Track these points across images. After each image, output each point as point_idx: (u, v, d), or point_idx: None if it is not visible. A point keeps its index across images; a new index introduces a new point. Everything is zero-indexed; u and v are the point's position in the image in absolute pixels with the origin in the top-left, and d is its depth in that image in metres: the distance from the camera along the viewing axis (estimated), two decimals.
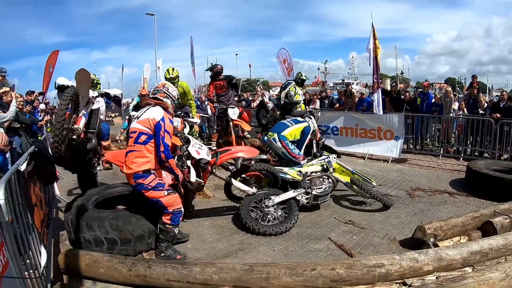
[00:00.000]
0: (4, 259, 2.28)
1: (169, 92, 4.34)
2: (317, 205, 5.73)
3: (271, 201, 5.01)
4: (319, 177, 5.68)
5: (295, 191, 5.31)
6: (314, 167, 5.84)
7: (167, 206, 4.10)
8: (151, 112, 4.17)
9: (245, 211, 4.87)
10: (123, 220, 4.09)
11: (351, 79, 58.17)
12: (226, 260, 3.97)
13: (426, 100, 11.47)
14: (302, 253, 4.18)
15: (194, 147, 4.66)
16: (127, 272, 3.42)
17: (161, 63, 26.77)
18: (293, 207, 5.05)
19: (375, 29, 10.29)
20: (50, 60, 13.20)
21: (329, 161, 5.96)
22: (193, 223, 5.18)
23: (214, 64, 9.40)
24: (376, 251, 4.19)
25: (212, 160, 4.87)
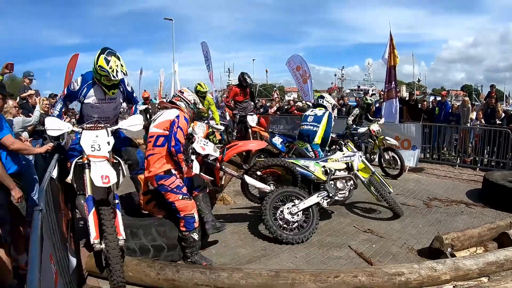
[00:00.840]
0: (55, 268, 2.35)
1: (184, 96, 4.61)
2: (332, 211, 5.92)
3: (295, 207, 4.95)
4: (342, 179, 5.57)
5: (319, 195, 5.18)
6: (339, 164, 5.63)
7: (180, 210, 4.22)
8: (166, 114, 4.45)
9: (268, 216, 4.82)
10: (170, 226, 4.23)
11: (367, 86, 57.96)
12: (250, 266, 4.08)
13: (444, 109, 11.51)
14: (323, 260, 4.31)
15: (199, 143, 4.67)
16: (156, 275, 3.55)
17: (177, 66, 27.11)
18: (315, 213, 5.06)
19: (393, 38, 10.38)
20: (70, 63, 13.56)
21: (354, 159, 5.73)
22: None
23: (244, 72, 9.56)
24: (395, 259, 4.30)
25: (219, 156, 4.92)
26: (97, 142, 3.63)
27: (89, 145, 3.59)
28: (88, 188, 3.48)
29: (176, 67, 26.16)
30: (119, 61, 3.94)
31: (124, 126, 3.96)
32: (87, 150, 3.57)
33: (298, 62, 13.47)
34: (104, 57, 3.88)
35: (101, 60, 3.88)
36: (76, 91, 4.21)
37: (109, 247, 3.25)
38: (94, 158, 3.54)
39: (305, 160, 5.53)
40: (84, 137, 3.65)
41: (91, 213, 3.35)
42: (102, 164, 3.51)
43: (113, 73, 3.88)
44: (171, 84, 28.13)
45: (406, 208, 5.93)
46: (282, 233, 4.78)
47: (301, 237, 4.81)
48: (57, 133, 3.72)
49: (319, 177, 5.37)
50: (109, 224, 3.33)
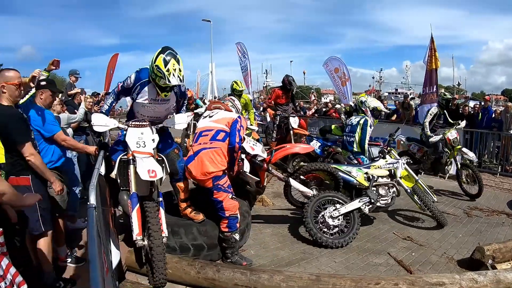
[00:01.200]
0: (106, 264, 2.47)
1: (235, 104, 4.99)
2: (373, 217, 5.94)
3: (336, 211, 4.99)
4: (385, 186, 5.52)
5: (360, 200, 5.19)
6: (382, 171, 5.59)
7: (226, 209, 4.24)
8: (225, 113, 4.69)
9: (309, 219, 4.87)
10: (211, 225, 4.34)
11: (404, 89, 56.80)
12: (289, 269, 4.14)
13: (486, 115, 11.26)
14: (363, 267, 4.35)
15: (248, 143, 4.79)
16: (196, 274, 3.64)
17: (214, 67, 27.52)
18: (355, 218, 5.08)
19: (434, 41, 10.24)
20: (111, 63, 14.06)
21: (397, 167, 5.64)
22: (255, 230, 5.41)
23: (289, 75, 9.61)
24: (434, 269, 4.30)
25: (267, 157, 5.06)
26: (142, 139, 3.76)
27: (134, 142, 3.72)
28: (132, 184, 3.63)
29: (213, 67, 26.61)
30: (178, 65, 3.76)
31: (169, 124, 4.09)
32: (132, 147, 3.70)
33: (337, 64, 13.20)
34: (163, 58, 3.71)
35: (159, 59, 3.70)
36: (130, 87, 4.05)
37: (153, 244, 3.35)
38: (139, 154, 3.66)
39: (347, 166, 5.57)
40: (129, 134, 3.78)
41: (135, 209, 3.47)
42: (148, 160, 3.63)
43: (169, 76, 3.70)
44: (208, 84, 28.60)
45: (446, 217, 5.86)
46: (322, 236, 4.84)
47: (341, 241, 4.85)
48: (103, 129, 3.85)
49: (361, 183, 5.37)
50: (154, 221, 3.44)
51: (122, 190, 3.89)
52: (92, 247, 2.03)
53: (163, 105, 4.17)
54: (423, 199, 5.58)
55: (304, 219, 4.90)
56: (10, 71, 3.35)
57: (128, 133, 3.79)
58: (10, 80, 3.26)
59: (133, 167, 3.64)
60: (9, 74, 3.31)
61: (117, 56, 14.25)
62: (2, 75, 3.28)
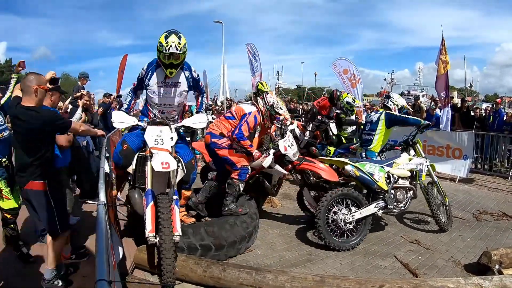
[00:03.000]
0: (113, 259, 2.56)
1: (266, 97, 5.24)
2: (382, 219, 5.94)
3: (349, 216, 4.87)
4: (403, 189, 5.33)
5: (376, 205, 5.07)
6: (403, 171, 5.37)
7: (236, 162, 5.00)
8: (245, 105, 5.40)
9: (322, 222, 4.80)
10: (219, 226, 4.43)
11: (417, 91, 56.33)
12: (295, 270, 4.18)
13: (498, 118, 11.15)
14: (368, 269, 4.37)
15: (285, 142, 5.23)
16: (202, 273, 3.69)
17: (225, 68, 27.64)
18: (367, 223, 5.05)
19: (445, 43, 10.15)
20: (121, 64, 14.27)
21: (421, 169, 5.47)
22: (263, 231, 5.46)
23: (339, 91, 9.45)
24: (441, 273, 4.29)
25: (296, 162, 5.34)
26: (161, 137, 3.89)
27: (152, 139, 3.87)
28: (148, 181, 3.72)
29: (225, 69, 26.75)
30: (179, 40, 4.02)
31: (188, 123, 4.19)
32: (150, 143, 3.85)
33: (345, 66, 12.90)
34: (165, 35, 4.03)
35: (162, 37, 4.03)
36: (143, 76, 4.37)
37: (163, 241, 3.37)
38: (157, 150, 3.78)
39: (371, 165, 5.26)
40: (148, 132, 3.93)
41: (149, 206, 3.55)
42: (163, 154, 3.74)
43: (167, 46, 3.98)
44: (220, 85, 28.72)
45: (454, 221, 5.84)
46: (331, 239, 4.82)
47: (350, 244, 4.88)
48: (122, 126, 4.02)
49: (381, 187, 5.18)
50: (166, 217, 3.44)
51: (134, 188, 4.04)
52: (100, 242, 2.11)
53: (173, 89, 4.42)
54: (430, 201, 5.50)
55: (316, 219, 4.84)
56: (40, 75, 3.47)
57: (147, 131, 3.94)
58: (42, 84, 3.41)
59: (150, 164, 3.75)
60: (41, 78, 3.45)
61: (126, 58, 14.43)
62: (36, 78, 3.36)
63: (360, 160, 5.51)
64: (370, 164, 5.28)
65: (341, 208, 4.95)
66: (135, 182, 4.05)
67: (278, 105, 5.25)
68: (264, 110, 5.23)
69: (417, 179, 5.45)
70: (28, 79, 3.33)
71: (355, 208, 4.97)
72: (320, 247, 4.93)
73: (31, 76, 3.36)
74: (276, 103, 5.24)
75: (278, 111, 5.25)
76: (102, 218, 2.45)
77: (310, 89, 35.60)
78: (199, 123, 4.23)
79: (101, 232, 2.24)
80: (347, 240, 4.94)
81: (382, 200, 5.14)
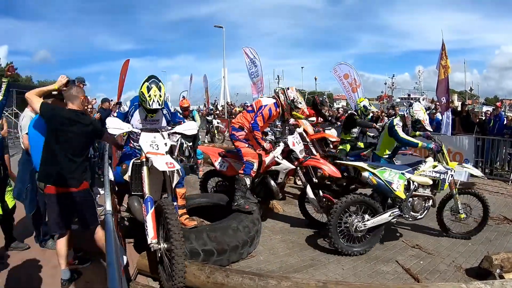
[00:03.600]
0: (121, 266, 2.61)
1: (287, 92, 5.67)
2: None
3: (362, 224, 4.83)
4: (422, 198, 5.13)
5: (391, 214, 4.96)
6: (426, 179, 5.14)
7: (244, 155, 5.39)
8: (264, 98, 5.93)
9: (334, 229, 4.79)
10: (221, 231, 4.43)
11: (417, 94, 56.39)
12: (297, 275, 4.19)
13: (498, 122, 11.16)
14: (370, 274, 4.38)
15: (294, 138, 5.71)
16: (205, 279, 3.68)
17: (226, 72, 27.73)
18: (380, 230, 4.99)
19: (445, 47, 10.18)
20: (122, 69, 14.24)
21: (445, 178, 5.18)
22: (265, 236, 5.47)
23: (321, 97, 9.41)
24: (442, 277, 4.31)
25: (301, 158, 5.67)
26: (155, 142, 4.02)
27: (147, 144, 3.97)
28: (146, 187, 3.81)
29: (225, 73, 26.86)
30: (159, 91, 4.33)
31: (179, 130, 4.35)
32: (145, 148, 3.94)
33: (346, 70, 13.07)
34: (147, 85, 4.32)
35: (144, 87, 4.32)
36: (125, 112, 4.67)
37: (174, 246, 3.37)
38: (153, 155, 3.86)
39: (390, 172, 5.05)
40: (143, 138, 4.04)
41: (150, 213, 3.62)
42: (163, 156, 3.90)
43: (150, 101, 4.29)
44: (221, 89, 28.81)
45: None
46: (337, 241, 4.83)
47: (353, 251, 4.88)
48: (117, 132, 4.00)
49: (399, 196, 5.00)
50: (175, 224, 3.47)
51: (133, 196, 4.12)
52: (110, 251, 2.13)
53: (154, 126, 4.65)
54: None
55: (329, 221, 4.84)
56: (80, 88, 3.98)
57: (141, 137, 4.04)
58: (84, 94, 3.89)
59: (146, 168, 3.88)
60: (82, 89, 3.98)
61: (128, 62, 14.45)
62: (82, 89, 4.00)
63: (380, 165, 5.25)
64: (390, 171, 5.08)
65: (356, 212, 4.94)
66: (132, 190, 4.15)
67: (298, 99, 5.64)
68: (285, 104, 5.64)
69: (438, 188, 5.23)
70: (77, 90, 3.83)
71: (368, 216, 4.92)
72: (322, 252, 4.96)
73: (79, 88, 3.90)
74: (297, 98, 5.63)
75: (298, 105, 5.64)
76: (110, 228, 2.48)
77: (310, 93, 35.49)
78: (189, 129, 4.38)
79: (110, 241, 2.27)
80: (353, 245, 4.93)
81: (398, 208, 5.03)
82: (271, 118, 5.78)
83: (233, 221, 4.72)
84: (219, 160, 6.17)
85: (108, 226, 2.55)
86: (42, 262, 4.35)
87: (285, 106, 5.64)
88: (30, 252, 4.62)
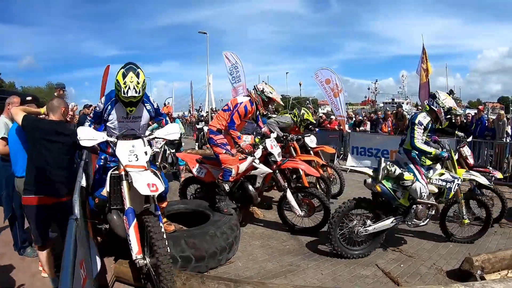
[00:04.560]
0: (84, 273, 2.44)
1: (257, 86, 5.72)
2: None
3: (363, 229, 4.78)
4: (425, 206, 4.88)
5: (394, 220, 4.88)
6: (432, 187, 4.96)
7: (222, 162, 5.41)
8: (239, 97, 6.01)
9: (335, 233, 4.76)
10: (199, 238, 4.34)
11: (401, 98, 57.18)
12: (275, 281, 4.14)
13: (480, 125, 11.25)
14: (349, 279, 4.31)
15: (271, 142, 5.71)
16: (181, 285, 3.58)
17: (211, 79, 27.73)
18: (380, 237, 4.95)
19: (426, 52, 10.24)
20: (104, 75, 14.17)
21: (451, 187, 4.99)
22: (244, 242, 5.39)
23: None
24: (423, 280, 4.26)
25: (279, 161, 5.69)
26: (134, 152, 3.57)
27: (126, 156, 3.54)
28: (127, 200, 3.44)
29: (210, 79, 26.86)
30: (137, 78, 3.72)
31: (161, 135, 3.92)
32: (124, 161, 3.51)
33: (328, 75, 12.90)
34: (122, 72, 3.73)
35: (119, 74, 3.72)
36: (101, 110, 4.12)
37: (160, 261, 3.13)
38: (133, 169, 3.45)
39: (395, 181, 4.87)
40: (120, 147, 3.59)
41: (132, 226, 3.29)
42: (143, 173, 3.43)
43: (125, 89, 3.67)
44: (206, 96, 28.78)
45: (436, 227, 5.75)
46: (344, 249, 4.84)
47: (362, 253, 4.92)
48: (90, 144, 3.53)
49: (402, 204, 4.89)
50: (159, 237, 3.23)
51: (112, 210, 3.67)
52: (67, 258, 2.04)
53: (135, 123, 4.18)
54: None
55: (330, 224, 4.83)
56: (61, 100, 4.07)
57: (118, 147, 3.60)
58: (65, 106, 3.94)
59: (126, 183, 3.49)
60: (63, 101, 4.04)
61: (108, 68, 14.33)
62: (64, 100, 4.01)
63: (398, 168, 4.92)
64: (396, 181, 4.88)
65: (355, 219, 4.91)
66: (111, 204, 3.67)
67: (267, 90, 5.65)
68: (256, 97, 5.64)
69: (443, 197, 5.09)
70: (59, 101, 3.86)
71: (370, 222, 4.88)
72: (301, 258, 4.88)
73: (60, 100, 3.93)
74: (266, 88, 5.66)
75: (269, 95, 5.63)
76: (71, 234, 2.36)
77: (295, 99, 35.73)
78: (172, 133, 3.92)
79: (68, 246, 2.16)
80: (354, 249, 4.91)
81: (401, 215, 4.94)
82: (247, 116, 5.70)
83: (211, 227, 4.61)
84: (197, 167, 6.13)
85: (69, 232, 2.42)
86: (21, 270, 4.27)
87: (257, 99, 5.66)
88: (9, 259, 4.52)
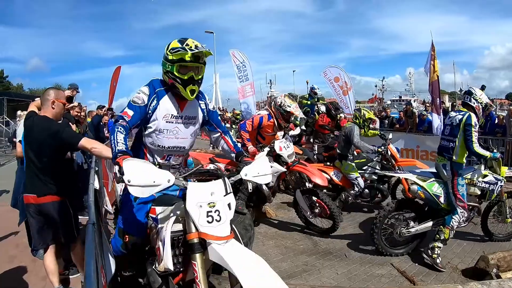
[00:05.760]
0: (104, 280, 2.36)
1: (275, 100, 6.07)
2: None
3: (406, 230, 4.74)
4: (468, 210, 4.74)
5: (435, 223, 4.77)
6: (475, 189, 4.84)
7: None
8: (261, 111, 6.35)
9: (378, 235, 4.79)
10: None
11: (408, 96, 56.78)
12: (291, 281, 4.13)
13: (489, 121, 11.16)
14: (365, 278, 4.31)
15: (281, 143, 5.75)
16: None
17: (218, 78, 27.78)
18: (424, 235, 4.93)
19: (435, 49, 10.16)
20: (114, 75, 14.13)
21: (493, 189, 4.83)
22: (258, 242, 5.37)
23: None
24: (438, 279, 4.25)
25: (289, 163, 5.73)
26: (216, 208, 2.24)
27: (203, 212, 2.22)
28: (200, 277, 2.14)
29: (217, 78, 26.93)
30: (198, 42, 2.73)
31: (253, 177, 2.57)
32: (200, 221, 2.20)
33: (337, 73, 12.65)
34: (177, 40, 2.73)
35: (173, 42, 2.74)
36: (144, 105, 2.74)
37: None
38: (216, 241, 2.16)
39: (439, 186, 4.74)
40: (192, 193, 2.26)
41: None
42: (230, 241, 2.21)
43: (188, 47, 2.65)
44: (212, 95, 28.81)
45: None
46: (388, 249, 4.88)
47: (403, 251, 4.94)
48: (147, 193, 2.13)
49: (445, 208, 4.75)
50: None
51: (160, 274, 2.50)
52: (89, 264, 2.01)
53: (188, 129, 2.97)
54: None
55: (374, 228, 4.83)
56: (60, 90, 3.74)
57: (189, 193, 2.25)
58: (61, 98, 3.59)
59: (200, 257, 2.20)
60: (60, 92, 3.66)
61: (119, 69, 14.31)
62: (54, 92, 3.58)
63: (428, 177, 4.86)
64: (438, 184, 4.75)
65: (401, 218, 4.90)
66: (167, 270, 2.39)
67: (285, 103, 5.74)
68: (274, 110, 5.82)
69: (486, 199, 4.96)
70: (47, 93, 3.56)
71: (413, 223, 4.83)
72: (316, 257, 4.88)
73: (50, 90, 3.58)
74: (284, 102, 5.76)
75: (286, 108, 5.73)
76: (91, 239, 2.31)
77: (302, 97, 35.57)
78: (265, 175, 2.62)
79: (89, 253, 2.13)
80: (396, 248, 4.95)
81: (443, 218, 4.79)
82: (263, 128, 5.95)
83: None
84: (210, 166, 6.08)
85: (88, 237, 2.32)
86: (33, 272, 4.28)
87: (275, 113, 5.84)
88: (20, 262, 4.54)
